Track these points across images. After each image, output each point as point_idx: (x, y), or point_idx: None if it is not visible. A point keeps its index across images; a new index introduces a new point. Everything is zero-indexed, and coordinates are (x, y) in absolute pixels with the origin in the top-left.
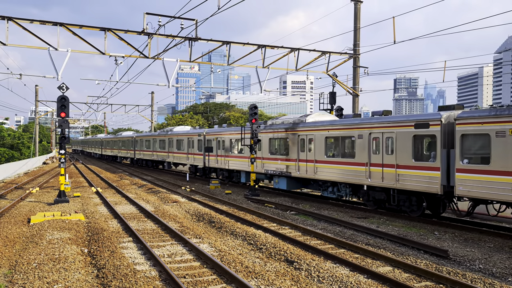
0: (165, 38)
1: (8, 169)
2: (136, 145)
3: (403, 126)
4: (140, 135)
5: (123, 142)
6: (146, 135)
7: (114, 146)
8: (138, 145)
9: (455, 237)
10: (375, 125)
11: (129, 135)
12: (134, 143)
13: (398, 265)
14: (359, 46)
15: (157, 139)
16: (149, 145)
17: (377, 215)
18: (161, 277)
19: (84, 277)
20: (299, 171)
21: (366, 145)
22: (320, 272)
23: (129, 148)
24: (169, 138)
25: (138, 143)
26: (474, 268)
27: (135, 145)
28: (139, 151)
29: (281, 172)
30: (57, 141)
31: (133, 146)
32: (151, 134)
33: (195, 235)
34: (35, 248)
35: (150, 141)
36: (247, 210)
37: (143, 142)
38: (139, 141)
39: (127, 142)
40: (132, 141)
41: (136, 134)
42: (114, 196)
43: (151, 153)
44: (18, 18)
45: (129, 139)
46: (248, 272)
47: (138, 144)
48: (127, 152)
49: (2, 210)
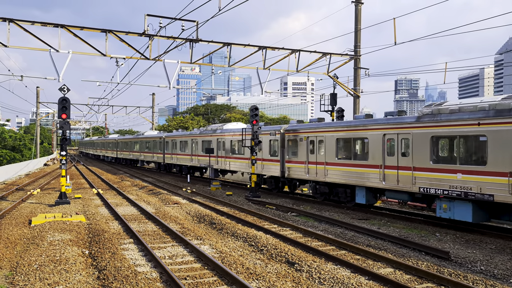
0: (166, 39)
1: (9, 170)
2: (167, 147)
3: None
4: (173, 134)
5: (147, 144)
6: (182, 134)
7: (134, 148)
8: (168, 147)
9: (457, 239)
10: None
11: (155, 135)
12: (163, 145)
13: (400, 267)
14: (360, 47)
15: (199, 139)
16: (185, 147)
17: (378, 216)
18: (162, 279)
19: (85, 278)
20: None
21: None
22: (321, 273)
23: (156, 151)
24: (218, 139)
25: (169, 144)
26: (476, 269)
27: (165, 147)
28: (170, 154)
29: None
30: (58, 143)
31: (162, 148)
32: (189, 134)
33: (196, 236)
34: (36, 250)
35: (188, 142)
36: (248, 211)
37: (177, 143)
38: (170, 142)
39: (152, 144)
40: (160, 142)
41: (166, 134)
42: (115, 197)
43: (189, 157)
44: (19, 20)
45: (155, 140)
46: (249, 274)
47: (169, 145)
48: (153, 155)
49: (3, 212)
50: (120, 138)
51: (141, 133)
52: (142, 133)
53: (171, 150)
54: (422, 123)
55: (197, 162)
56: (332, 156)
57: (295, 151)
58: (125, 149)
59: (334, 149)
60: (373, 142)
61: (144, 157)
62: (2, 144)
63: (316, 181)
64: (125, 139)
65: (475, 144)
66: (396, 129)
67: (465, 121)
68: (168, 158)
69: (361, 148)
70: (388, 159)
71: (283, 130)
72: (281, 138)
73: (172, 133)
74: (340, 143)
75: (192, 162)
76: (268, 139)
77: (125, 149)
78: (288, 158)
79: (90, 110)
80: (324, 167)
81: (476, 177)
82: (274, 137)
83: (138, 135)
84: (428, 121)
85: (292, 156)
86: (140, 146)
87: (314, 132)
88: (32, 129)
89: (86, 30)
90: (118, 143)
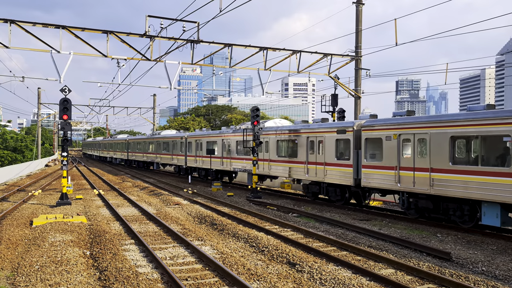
0: (167, 40)
1: (11, 171)
2: (189, 149)
3: None
4: (196, 134)
5: (165, 144)
6: (209, 134)
7: (149, 149)
8: (191, 149)
9: (458, 239)
10: None
11: (174, 135)
12: (185, 146)
13: (401, 268)
14: (361, 48)
15: (231, 139)
16: (213, 148)
17: (379, 217)
18: (163, 280)
19: (86, 279)
20: None
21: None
22: (322, 274)
23: (176, 152)
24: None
25: (192, 145)
26: (477, 270)
27: (187, 148)
28: (193, 156)
29: None
30: (60, 144)
31: (184, 149)
32: (219, 133)
33: (197, 237)
34: (37, 251)
35: (217, 142)
36: (249, 212)
37: (201, 144)
38: (193, 142)
39: (172, 144)
40: (181, 143)
41: (188, 134)
42: (116, 198)
43: (220, 160)
44: (20, 21)
45: (176, 140)
46: (250, 275)
47: (191, 147)
48: (172, 157)
49: (4, 213)
50: (132, 138)
51: (157, 133)
52: (158, 132)
53: (195, 152)
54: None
55: (229, 165)
56: (442, 160)
57: (376, 153)
58: (137, 150)
59: (448, 151)
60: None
61: (161, 159)
62: (4, 145)
63: (414, 193)
64: (137, 139)
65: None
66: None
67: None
68: (191, 161)
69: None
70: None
71: (357, 127)
72: (354, 137)
73: (196, 132)
74: (460, 142)
75: (223, 166)
76: (335, 138)
77: (137, 150)
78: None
79: (91, 111)
80: (429, 174)
81: None
82: (344, 135)
83: (153, 135)
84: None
85: (371, 159)
86: (156, 147)
87: (410, 127)
88: (34, 130)
89: (88, 31)
90: (129, 144)
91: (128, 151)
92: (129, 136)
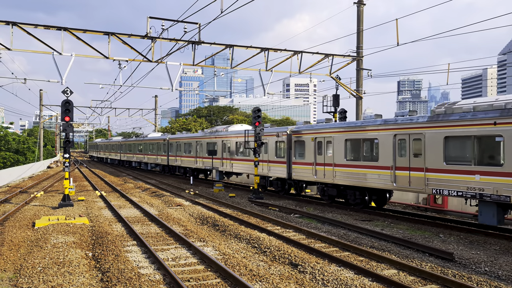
0: (168, 41)
1: (13, 173)
2: (171, 149)
3: None
4: (176, 136)
5: (151, 146)
6: (185, 136)
7: (193, 151)
8: (227, 151)
9: (460, 240)
10: None
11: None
12: (222, 147)
13: (403, 268)
14: (362, 48)
15: (203, 141)
16: (190, 149)
17: (381, 217)
18: (165, 281)
19: (89, 281)
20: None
21: None
22: (325, 275)
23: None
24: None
25: (226, 147)
26: (480, 271)
27: (223, 150)
28: (237, 160)
29: None
30: (62, 145)
31: (221, 151)
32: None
33: (199, 238)
34: (39, 252)
35: (192, 144)
36: (251, 213)
37: (181, 146)
38: (226, 143)
39: (195, 145)
40: (213, 144)
41: (169, 136)
42: (118, 199)
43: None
44: (22, 23)
45: (208, 141)
46: (252, 276)
47: (226, 149)
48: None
49: (7, 214)
50: (173, 137)
51: (224, 128)
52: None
53: (231, 155)
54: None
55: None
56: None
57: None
58: (185, 153)
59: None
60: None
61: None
62: (6, 147)
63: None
64: (184, 137)
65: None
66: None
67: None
68: (233, 163)
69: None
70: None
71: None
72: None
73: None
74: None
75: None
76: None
77: (186, 153)
78: None
79: (93, 112)
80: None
81: None
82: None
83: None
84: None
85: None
86: (191, 149)
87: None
88: (36, 131)
89: (89, 33)
90: (171, 145)
91: (169, 154)
92: (165, 134)
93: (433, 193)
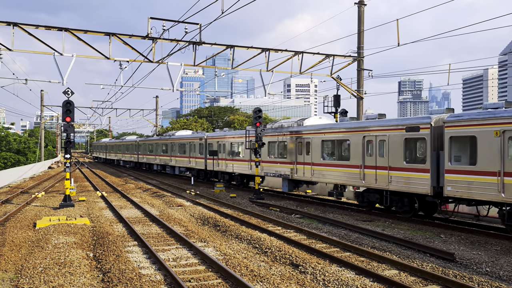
0: (169, 42)
1: (14, 173)
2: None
3: None
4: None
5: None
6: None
7: (233, 154)
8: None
9: (462, 240)
10: None
11: (236, 133)
12: (272, 148)
13: (404, 269)
14: (363, 48)
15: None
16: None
17: (382, 218)
18: (166, 281)
19: (90, 281)
20: None
21: None
22: (326, 275)
23: (286, 159)
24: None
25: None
26: (481, 271)
27: (298, 152)
28: (309, 165)
29: None
30: (63, 146)
31: (248, 154)
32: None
33: (200, 239)
34: (40, 253)
35: (306, 142)
36: (252, 213)
37: (278, 146)
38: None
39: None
40: (283, 143)
41: (252, 131)
42: (119, 200)
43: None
44: (23, 24)
45: (272, 139)
46: (253, 276)
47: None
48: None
49: (8, 215)
50: (213, 135)
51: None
52: (226, 129)
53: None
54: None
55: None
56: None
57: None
58: (229, 156)
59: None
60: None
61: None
62: (7, 147)
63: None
64: (230, 136)
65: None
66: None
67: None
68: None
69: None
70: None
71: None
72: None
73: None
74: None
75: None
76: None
77: (231, 155)
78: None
79: (94, 113)
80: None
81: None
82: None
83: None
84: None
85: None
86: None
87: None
88: (37, 132)
89: (90, 33)
90: (211, 145)
91: (206, 156)
92: (202, 132)
93: None
